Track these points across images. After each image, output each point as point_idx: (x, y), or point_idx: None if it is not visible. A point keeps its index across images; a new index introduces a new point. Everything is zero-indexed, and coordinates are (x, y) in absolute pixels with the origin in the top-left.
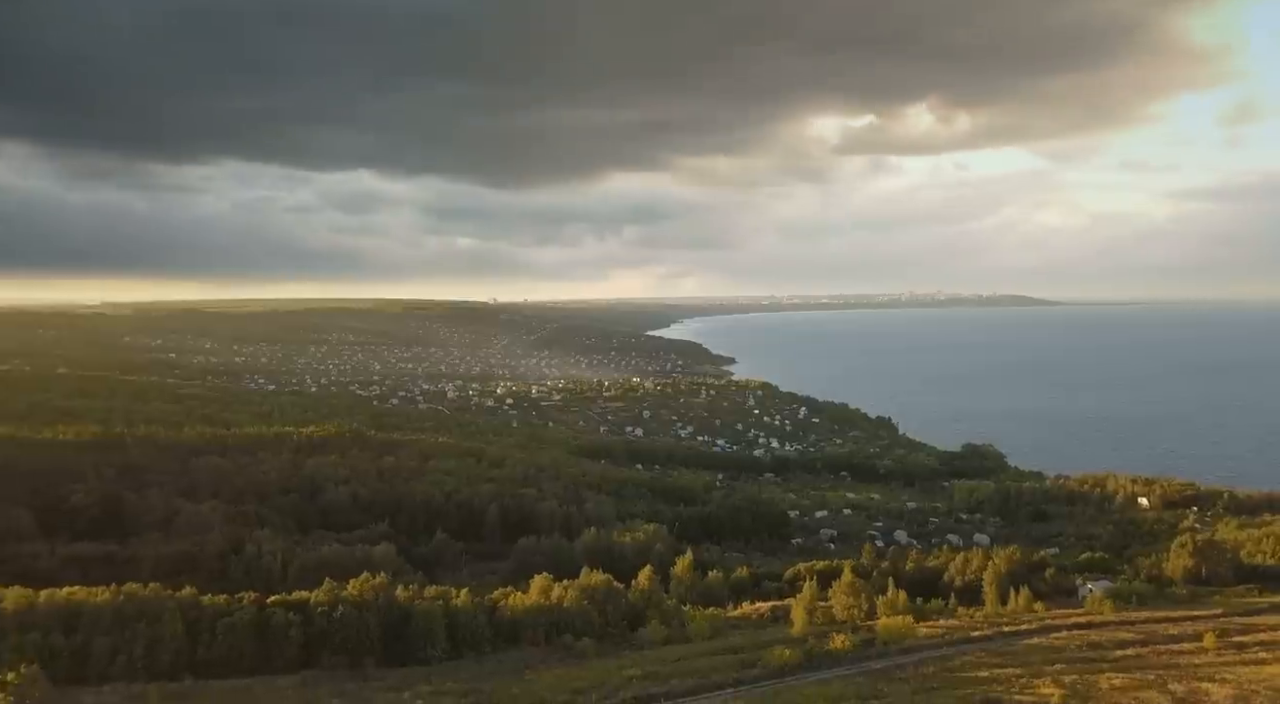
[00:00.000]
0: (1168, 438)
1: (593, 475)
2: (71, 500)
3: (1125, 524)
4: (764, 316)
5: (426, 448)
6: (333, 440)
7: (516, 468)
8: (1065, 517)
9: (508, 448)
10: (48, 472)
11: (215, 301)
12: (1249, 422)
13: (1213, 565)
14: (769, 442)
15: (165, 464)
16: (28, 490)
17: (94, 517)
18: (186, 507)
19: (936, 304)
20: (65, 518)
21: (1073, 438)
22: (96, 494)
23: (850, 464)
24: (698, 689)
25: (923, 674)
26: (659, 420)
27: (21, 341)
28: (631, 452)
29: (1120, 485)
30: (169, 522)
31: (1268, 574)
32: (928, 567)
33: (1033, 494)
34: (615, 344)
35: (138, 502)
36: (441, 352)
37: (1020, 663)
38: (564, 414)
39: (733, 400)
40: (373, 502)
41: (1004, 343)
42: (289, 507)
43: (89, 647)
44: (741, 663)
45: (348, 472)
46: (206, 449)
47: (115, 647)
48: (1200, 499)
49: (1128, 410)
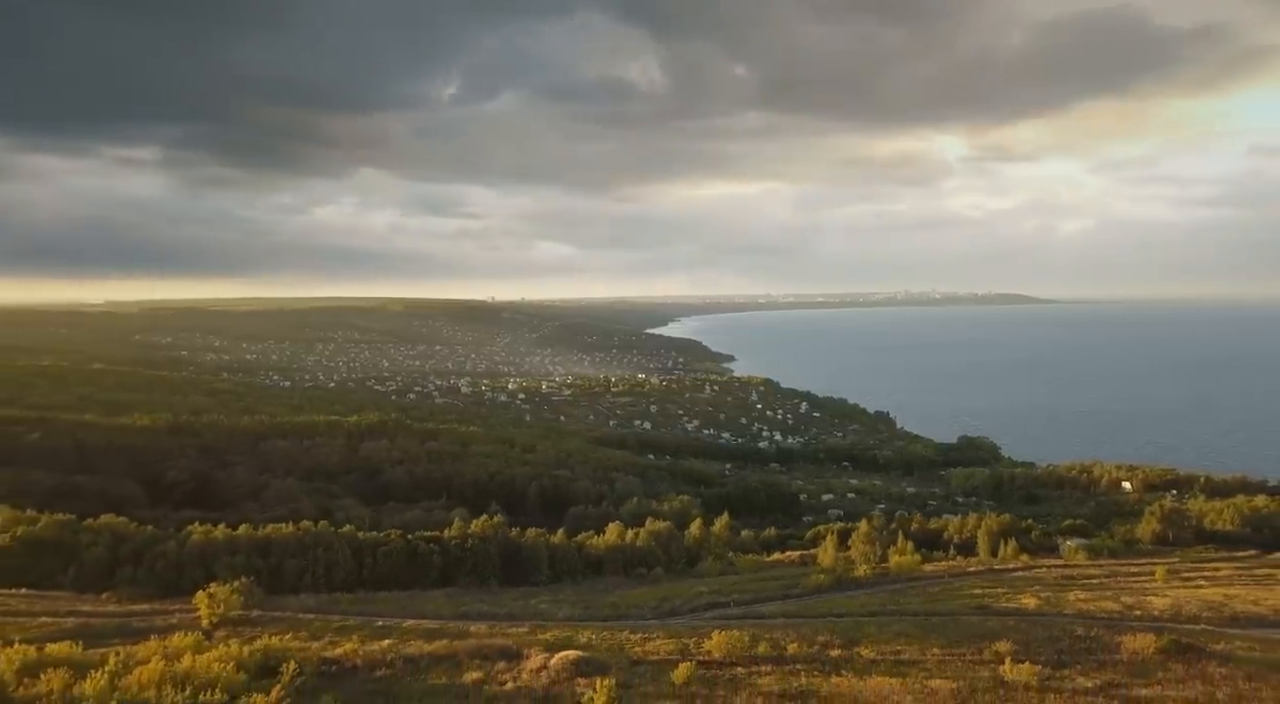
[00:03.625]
0: (1153, 430)
1: (616, 460)
2: (169, 476)
3: (1108, 504)
4: (761, 315)
5: (462, 436)
6: (380, 428)
7: (547, 453)
8: (1054, 499)
9: (533, 437)
10: (142, 450)
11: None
12: (1230, 414)
13: (1177, 530)
14: (772, 435)
15: (238, 447)
16: (132, 467)
17: (189, 490)
18: (273, 481)
19: (931, 302)
20: (164, 491)
21: (1063, 431)
22: (189, 471)
23: (851, 455)
24: (754, 600)
25: (930, 592)
26: (665, 415)
27: (38, 339)
28: (643, 443)
29: (1105, 471)
30: (257, 494)
31: (1224, 537)
32: (930, 528)
33: (1024, 479)
34: (616, 342)
35: (226, 477)
36: (446, 349)
37: (1007, 585)
38: (574, 408)
39: (736, 396)
40: (426, 480)
41: (997, 341)
42: (353, 484)
43: (281, 567)
44: (784, 586)
45: (400, 454)
46: (269, 435)
47: (301, 567)
48: (1179, 483)
49: (1116, 405)
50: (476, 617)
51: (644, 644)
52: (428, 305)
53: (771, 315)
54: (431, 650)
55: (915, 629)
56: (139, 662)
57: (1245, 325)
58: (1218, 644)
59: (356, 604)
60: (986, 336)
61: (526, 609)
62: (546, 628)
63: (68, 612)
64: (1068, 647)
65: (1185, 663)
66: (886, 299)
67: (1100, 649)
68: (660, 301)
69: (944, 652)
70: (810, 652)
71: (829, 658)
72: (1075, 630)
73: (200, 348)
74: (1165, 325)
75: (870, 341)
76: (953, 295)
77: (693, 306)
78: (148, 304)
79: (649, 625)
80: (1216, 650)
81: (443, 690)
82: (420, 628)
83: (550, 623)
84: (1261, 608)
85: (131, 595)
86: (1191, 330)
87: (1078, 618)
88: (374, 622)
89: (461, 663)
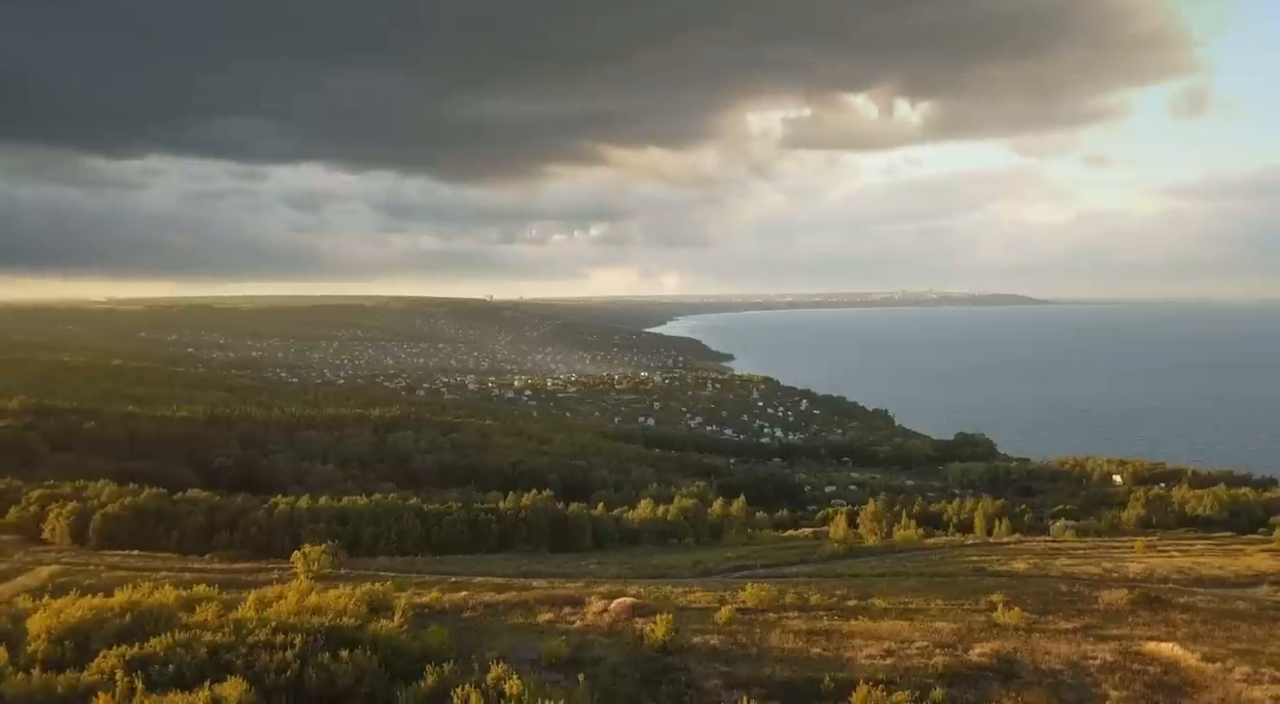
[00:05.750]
0: (1145, 428)
1: (629, 452)
2: (215, 462)
3: (1099, 495)
4: (758, 315)
5: (481, 429)
6: (403, 420)
7: (563, 445)
8: (1047, 491)
9: (546, 430)
10: (188, 439)
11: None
12: (1220, 413)
13: (1160, 514)
14: (773, 431)
15: (275, 437)
16: (182, 454)
17: (235, 476)
18: (315, 467)
19: (928, 303)
20: (212, 476)
21: (1057, 428)
22: (233, 458)
23: (851, 450)
24: (776, 564)
25: (932, 559)
26: (669, 411)
27: (49, 336)
28: (650, 439)
29: (1097, 465)
30: (300, 479)
31: (1205, 522)
32: (930, 511)
33: (1019, 473)
34: (616, 341)
35: (269, 464)
36: (449, 347)
37: (1001, 554)
38: (580, 405)
39: (737, 393)
40: (453, 468)
41: (994, 341)
42: (385, 472)
43: (358, 533)
44: (802, 554)
45: (427, 444)
46: (302, 426)
47: (376, 534)
48: (1167, 476)
49: (1109, 404)
50: (535, 575)
51: (686, 596)
52: (428, 303)
53: (768, 315)
54: (504, 599)
55: (921, 586)
56: (269, 601)
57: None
58: (1182, 598)
59: (429, 565)
60: (978, 337)
61: (578, 569)
62: (599, 583)
63: (181, 568)
64: (1052, 599)
65: (1152, 610)
66: (883, 299)
67: (1080, 601)
68: (658, 301)
69: (946, 603)
70: (830, 602)
71: (847, 607)
72: (1060, 588)
73: (206, 345)
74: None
75: (866, 341)
76: (948, 296)
77: (691, 306)
78: (152, 302)
79: (688, 582)
80: (1180, 602)
81: (522, 627)
82: (489, 583)
83: (601, 580)
84: (1225, 572)
85: (231, 557)
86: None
87: (1062, 578)
88: (447, 578)
89: (533, 608)
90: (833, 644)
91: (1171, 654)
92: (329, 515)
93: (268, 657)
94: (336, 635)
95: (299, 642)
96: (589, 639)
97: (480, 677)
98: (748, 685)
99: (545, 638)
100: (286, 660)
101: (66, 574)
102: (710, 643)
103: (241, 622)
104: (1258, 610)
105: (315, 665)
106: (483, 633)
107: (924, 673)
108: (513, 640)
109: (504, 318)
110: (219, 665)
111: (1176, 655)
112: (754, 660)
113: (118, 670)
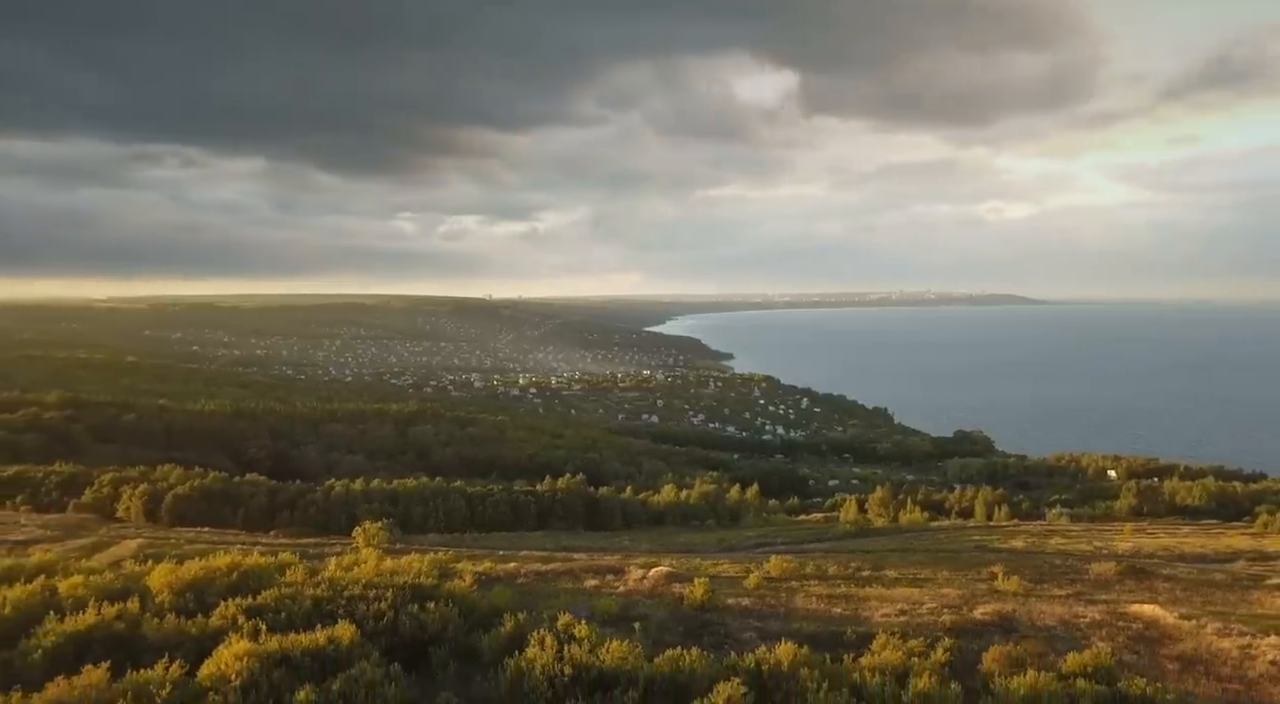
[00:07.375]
0: (1139, 426)
1: (639, 447)
2: (249, 454)
3: (1094, 489)
4: (757, 314)
5: (496, 424)
6: (421, 415)
7: (574, 440)
8: (1044, 485)
9: (556, 426)
10: (219, 432)
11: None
12: (1212, 411)
13: (1150, 504)
14: (775, 428)
15: (302, 429)
16: (216, 445)
17: (268, 467)
18: (343, 458)
19: (926, 302)
20: (246, 466)
21: (1054, 426)
22: (265, 450)
23: (852, 447)
24: (793, 541)
25: (937, 538)
26: (672, 409)
27: (56, 334)
28: (655, 435)
29: (1092, 461)
30: (331, 469)
31: (1192, 510)
32: (933, 498)
33: (1017, 468)
34: (617, 340)
35: (299, 455)
36: (451, 346)
37: (1000, 534)
38: (584, 403)
39: (739, 391)
40: (473, 461)
41: (992, 340)
42: (409, 464)
43: (409, 513)
44: (816, 534)
45: (446, 438)
46: (326, 420)
47: (425, 513)
48: (1160, 471)
49: (1105, 402)
50: (575, 549)
51: (715, 567)
52: (429, 302)
53: (767, 315)
54: (550, 568)
55: (928, 560)
56: (349, 566)
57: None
58: (1165, 570)
59: (476, 541)
60: (977, 337)
61: (613, 544)
62: (635, 556)
63: (251, 543)
64: (1047, 571)
65: (1137, 580)
66: (881, 299)
67: (1072, 572)
68: (657, 300)
69: (951, 573)
70: (847, 572)
71: (862, 576)
72: (1054, 562)
73: (210, 343)
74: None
75: (865, 341)
76: (946, 295)
77: (690, 305)
78: (155, 301)
79: (715, 556)
80: (1163, 573)
81: (572, 591)
82: (534, 556)
83: (636, 553)
84: (1206, 550)
85: (295, 533)
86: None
87: (1056, 554)
88: (495, 552)
89: (578, 575)
90: (851, 606)
91: (1153, 614)
92: (381, 496)
93: (364, 607)
94: (418, 592)
95: (390, 595)
96: (634, 600)
97: (550, 624)
98: (779, 637)
99: (595, 599)
100: (382, 610)
101: (152, 546)
102: (742, 604)
103: (335, 579)
104: (1232, 580)
105: (407, 614)
106: (537, 596)
107: (934, 628)
108: (566, 601)
109: (504, 317)
110: (323, 614)
111: (1157, 615)
112: (783, 618)
113: (239, 616)
